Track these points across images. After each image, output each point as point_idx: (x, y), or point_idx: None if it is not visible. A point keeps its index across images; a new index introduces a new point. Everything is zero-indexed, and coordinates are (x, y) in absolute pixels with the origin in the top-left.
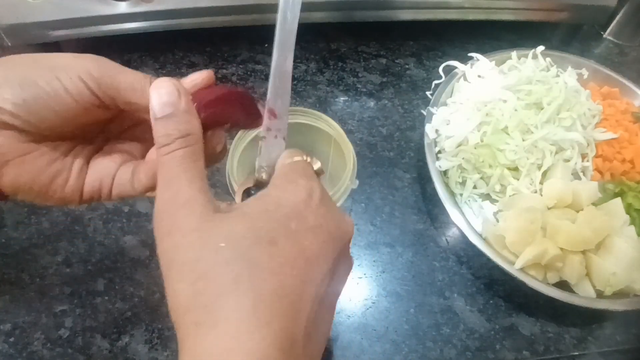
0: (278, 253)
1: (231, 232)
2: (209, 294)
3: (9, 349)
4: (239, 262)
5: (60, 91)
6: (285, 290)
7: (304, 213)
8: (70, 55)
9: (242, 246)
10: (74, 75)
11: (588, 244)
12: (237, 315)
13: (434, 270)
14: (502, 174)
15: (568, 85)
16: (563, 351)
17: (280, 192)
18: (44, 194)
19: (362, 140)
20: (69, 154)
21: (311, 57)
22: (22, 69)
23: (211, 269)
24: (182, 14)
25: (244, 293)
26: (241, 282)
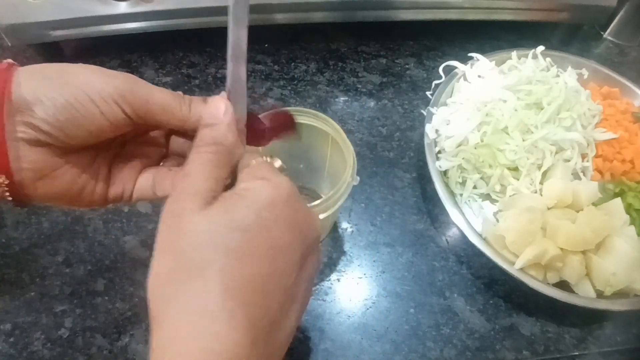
0: (250, 241)
1: (212, 222)
2: (183, 273)
3: (9, 349)
4: (213, 248)
5: (96, 114)
6: (255, 277)
7: (277, 205)
8: (101, 73)
9: (218, 234)
10: (108, 98)
11: (588, 244)
12: (205, 297)
13: (434, 270)
14: (502, 174)
15: (568, 85)
16: (563, 351)
17: (253, 186)
18: (75, 201)
19: (362, 140)
20: (94, 162)
21: (311, 57)
22: (56, 88)
23: (188, 251)
24: (182, 14)
25: (214, 276)
26: (213, 266)
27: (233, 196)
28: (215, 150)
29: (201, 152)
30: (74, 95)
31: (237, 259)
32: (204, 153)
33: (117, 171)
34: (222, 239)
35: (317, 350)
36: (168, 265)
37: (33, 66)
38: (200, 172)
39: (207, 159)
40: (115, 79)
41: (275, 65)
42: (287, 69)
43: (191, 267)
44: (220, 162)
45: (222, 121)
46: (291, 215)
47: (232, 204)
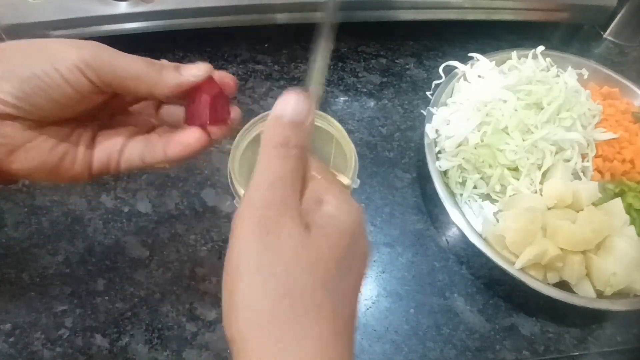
0: (351, 282)
1: (320, 256)
2: (295, 312)
3: (9, 349)
4: (323, 287)
5: (59, 81)
6: (353, 315)
7: (360, 235)
8: (67, 43)
9: (326, 271)
10: (71, 65)
11: (588, 244)
12: (322, 340)
13: (434, 270)
14: (502, 174)
15: (568, 85)
16: (563, 351)
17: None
18: (54, 174)
19: (362, 140)
20: (73, 133)
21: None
22: (20, 60)
23: (299, 287)
24: (182, 14)
25: (328, 318)
26: (325, 307)
27: (326, 221)
28: (301, 153)
29: (283, 155)
30: (38, 64)
31: (344, 293)
32: (292, 157)
33: (101, 140)
34: (330, 274)
35: None
36: (272, 299)
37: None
38: (291, 182)
39: (294, 162)
40: (81, 47)
41: (276, 65)
42: (287, 69)
43: (304, 306)
44: (302, 165)
45: (307, 123)
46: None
47: (331, 233)
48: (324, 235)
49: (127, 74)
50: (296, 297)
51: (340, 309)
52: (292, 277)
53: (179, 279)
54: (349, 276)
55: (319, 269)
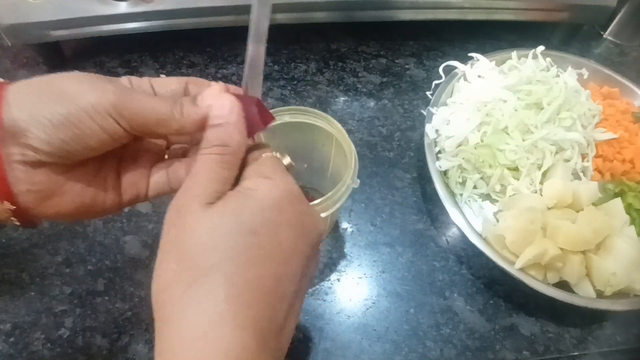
0: (257, 244)
1: (218, 223)
2: (189, 275)
3: (9, 349)
4: (220, 251)
5: (96, 130)
6: (262, 281)
7: (283, 207)
8: (92, 85)
9: (224, 236)
10: (104, 113)
11: (588, 244)
12: (213, 300)
13: (434, 270)
14: (502, 174)
15: (568, 85)
16: (563, 351)
17: (258, 185)
18: (88, 213)
19: (362, 140)
20: (99, 171)
21: (311, 57)
22: (50, 105)
23: (195, 253)
24: (182, 14)
25: (222, 279)
26: (220, 269)
27: (237, 195)
28: (222, 151)
29: (206, 153)
30: (70, 111)
31: (243, 263)
32: (209, 155)
33: (125, 175)
34: (228, 241)
35: (317, 350)
36: (172, 268)
37: (21, 83)
38: (206, 173)
39: (212, 160)
40: (107, 92)
41: (276, 65)
42: (287, 69)
43: (197, 271)
44: (226, 163)
45: (228, 121)
46: (296, 217)
47: (237, 204)
48: (226, 207)
49: (156, 120)
50: (192, 260)
51: (242, 273)
52: (188, 244)
53: None
54: (258, 245)
55: (214, 236)
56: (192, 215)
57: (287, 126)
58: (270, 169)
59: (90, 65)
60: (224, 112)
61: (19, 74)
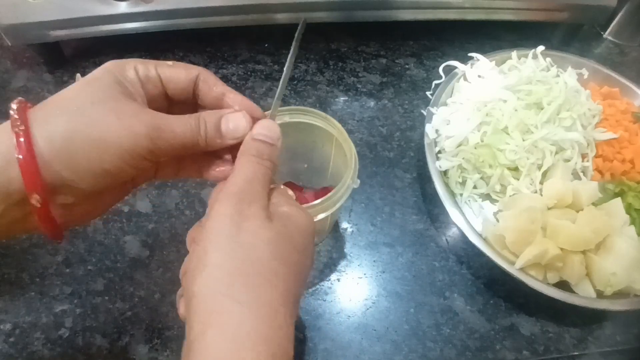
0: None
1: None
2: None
3: (9, 349)
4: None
5: (129, 171)
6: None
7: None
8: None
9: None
10: (139, 158)
11: (588, 244)
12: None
13: (434, 270)
14: (502, 174)
15: (568, 85)
16: (563, 351)
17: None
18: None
19: (362, 140)
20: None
21: (311, 57)
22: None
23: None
24: (182, 14)
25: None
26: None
27: (285, 217)
28: (270, 166)
29: (259, 163)
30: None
31: (294, 273)
32: (262, 165)
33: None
34: (285, 254)
35: (317, 350)
36: (235, 266)
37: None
38: (261, 181)
39: (265, 169)
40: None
41: (275, 65)
42: None
43: (261, 273)
44: (270, 178)
45: (276, 145)
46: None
47: (288, 225)
48: (283, 225)
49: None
50: (256, 264)
51: (291, 284)
52: (254, 248)
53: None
54: (299, 263)
55: (277, 246)
56: (257, 222)
57: (287, 126)
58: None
59: (90, 65)
60: (277, 137)
61: (19, 74)
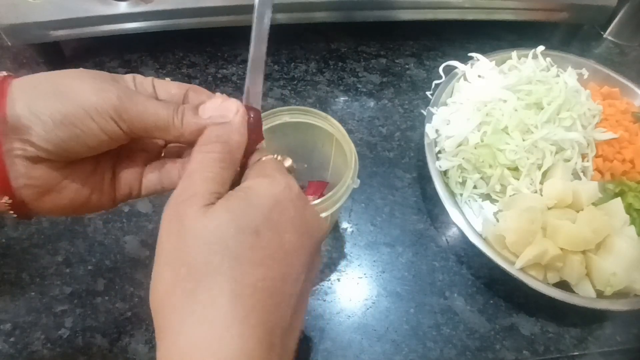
0: (260, 244)
1: (218, 224)
2: (191, 280)
3: (9, 349)
4: (221, 253)
5: (95, 130)
6: (266, 282)
7: (284, 205)
8: (93, 85)
9: (225, 237)
10: (105, 115)
11: (588, 244)
12: (216, 305)
13: (434, 270)
14: (502, 174)
15: (568, 85)
16: (563, 351)
17: (258, 184)
18: (83, 209)
19: (362, 140)
20: (97, 168)
21: (311, 57)
22: (52, 103)
23: (195, 257)
24: (182, 14)
25: (224, 283)
26: (222, 272)
27: (236, 195)
28: (220, 149)
29: (203, 151)
30: (72, 111)
31: (246, 264)
32: (206, 152)
33: (121, 173)
34: (229, 242)
35: (317, 350)
36: (172, 274)
37: (25, 78)
38: (203, 172)
39: (210, 158)
40: (109, 93)
41: (275, 65)
42: (287, 69)
43: (198, 275)
44: (224, 162)
45: (231, 121)
46: (299, 215)
47: (237, 204)
48: (226, 208)
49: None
50: (192, 264)
51: (245, 275)
52: (188, 247)
53: None
54: (263, 246)
55: (215, 237)
56: (190, 217)
57: (287, 126)
58: (269, 169)
59: (90, 65)
60: (228, 113)
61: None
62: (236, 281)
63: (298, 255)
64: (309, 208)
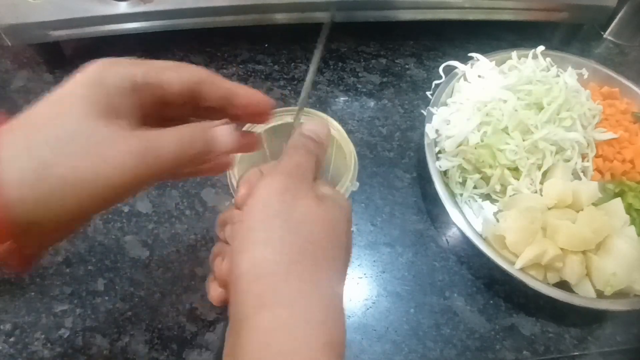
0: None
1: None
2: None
3: (9, 349)
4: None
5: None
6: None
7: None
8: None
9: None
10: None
11: (588, 244)
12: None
13: (434, 270)
14: (502, 174)
15: (568, 85)
16: (563, 351)
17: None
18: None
19: (362, 140)
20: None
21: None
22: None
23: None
24: (182, 14)
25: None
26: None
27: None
28: (316, 161)
29: (309, 154)
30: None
31: (344, 256)
32: (311, 157)
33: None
34: (337, 235)
35: None
36: (288, 245)
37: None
38: (310, 169)
39: (312, 162)
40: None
41: (275, 65)
42: (287, 69)
43: (319, 256)
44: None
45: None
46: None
47: (335, 208)
48: (332, 206)
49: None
50: (313, 245)
51: (342, 267)
52: (309, 227)
53: (179, 279)
54: (348, 246)
55: (331, 227)
56: (309, 202)
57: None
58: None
59: None
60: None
61: (19, 74)
62: (344, 267)
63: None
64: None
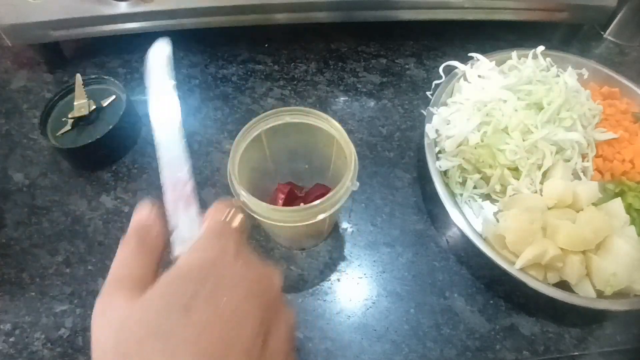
0: (192, 319)
1: (148, 307)
2: None
3: (9, 349)
4: (154, 338)
5: None
6: (206, 357)
7: (220, 270)
8: None
9: (156, 320)
10: None
11: (588, 244)
12: None
13: (434, 270)
14: (503, 174)
15: (568, 85)
16: (563, 351)
17: (188, 256)
18: None
19: (362, 140)
20: None
21: (311, 57)
22: None
23: (130, 349)
24: (182, 14)
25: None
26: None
27: (168, 272)
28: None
29: (124, 245)
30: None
31: (181, 343)
32: (126, 247)
33: None
34: (162, 323)
35: (318, 350)
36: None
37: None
38: (132, 262)
39: (128, 251)
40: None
41: (275, 65)
42: (287, 69)
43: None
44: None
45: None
46: (239, 276)
47: (168, 281)
48: (150, 293)
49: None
50: (128, 352)
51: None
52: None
53: None
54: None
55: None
56: (117, 308)
57: (287, 126)
58: (206, 235)
59: (90, 65)
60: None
61: (19, 74)
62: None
63: (241, 320)
64: (252, 265)
